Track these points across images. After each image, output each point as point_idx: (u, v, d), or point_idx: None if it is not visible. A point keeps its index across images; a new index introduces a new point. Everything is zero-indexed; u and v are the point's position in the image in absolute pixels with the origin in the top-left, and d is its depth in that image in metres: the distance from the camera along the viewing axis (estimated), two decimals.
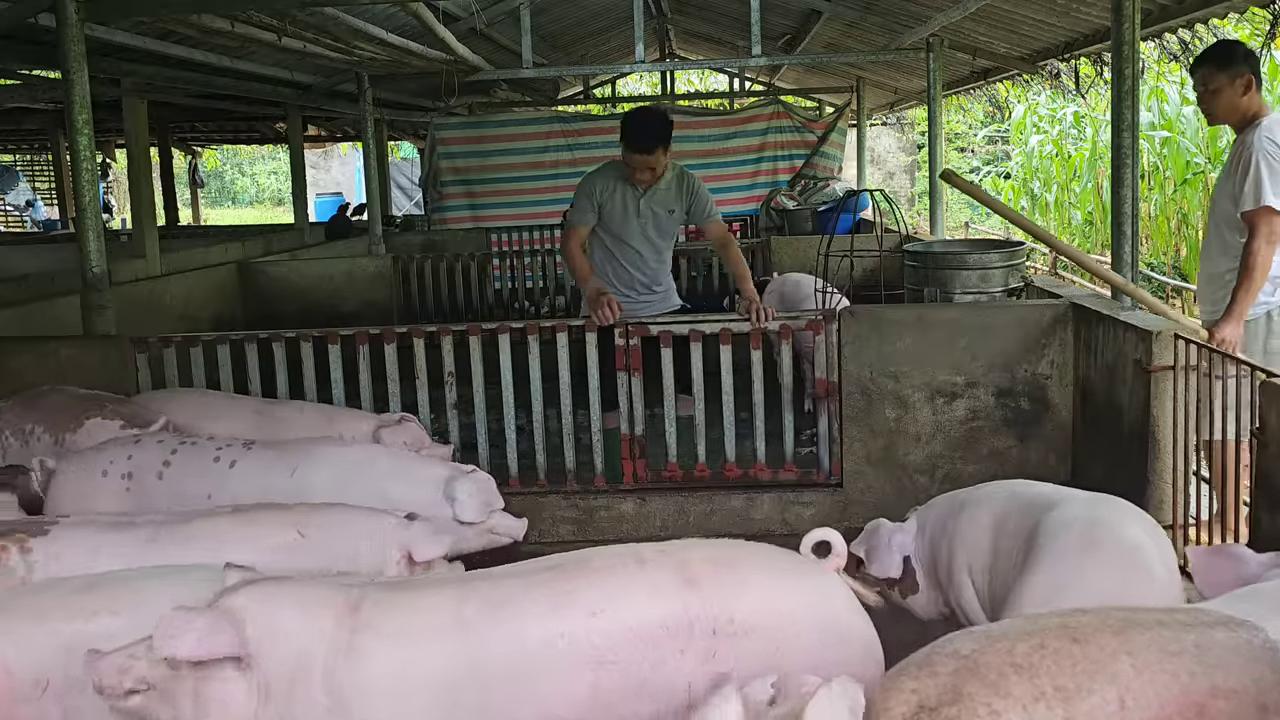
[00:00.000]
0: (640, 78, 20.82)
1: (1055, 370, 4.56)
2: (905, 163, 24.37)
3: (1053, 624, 1.99)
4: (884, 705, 1.91)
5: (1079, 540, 2.64)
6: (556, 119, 11.58)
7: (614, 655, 2.23)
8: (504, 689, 2.22)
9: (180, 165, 19.50)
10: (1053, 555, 2.61)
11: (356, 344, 4.89)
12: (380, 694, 2.19)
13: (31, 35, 6.03)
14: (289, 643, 2.20)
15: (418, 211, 16.51)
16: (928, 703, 1.86)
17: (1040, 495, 2.95)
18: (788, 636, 2.31)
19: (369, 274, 8.35)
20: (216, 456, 3.52)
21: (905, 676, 1.95)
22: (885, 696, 1.93)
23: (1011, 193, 19.04)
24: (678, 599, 2.29)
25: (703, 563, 2.37)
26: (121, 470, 3.44)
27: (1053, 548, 2.64)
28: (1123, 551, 2.61)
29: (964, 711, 1.83)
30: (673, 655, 2.25)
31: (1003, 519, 2.91)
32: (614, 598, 2.29)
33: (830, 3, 8.85)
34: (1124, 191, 4.36)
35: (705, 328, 4.77)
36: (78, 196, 5.04)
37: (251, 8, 5.98)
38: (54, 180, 16.95)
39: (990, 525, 2.93)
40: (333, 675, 2.18)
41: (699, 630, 2.27)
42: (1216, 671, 1.91)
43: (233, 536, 2.89)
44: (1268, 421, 3.06)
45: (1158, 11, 5.90)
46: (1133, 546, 2.64)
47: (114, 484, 3.43)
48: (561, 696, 2.22)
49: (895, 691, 1.92)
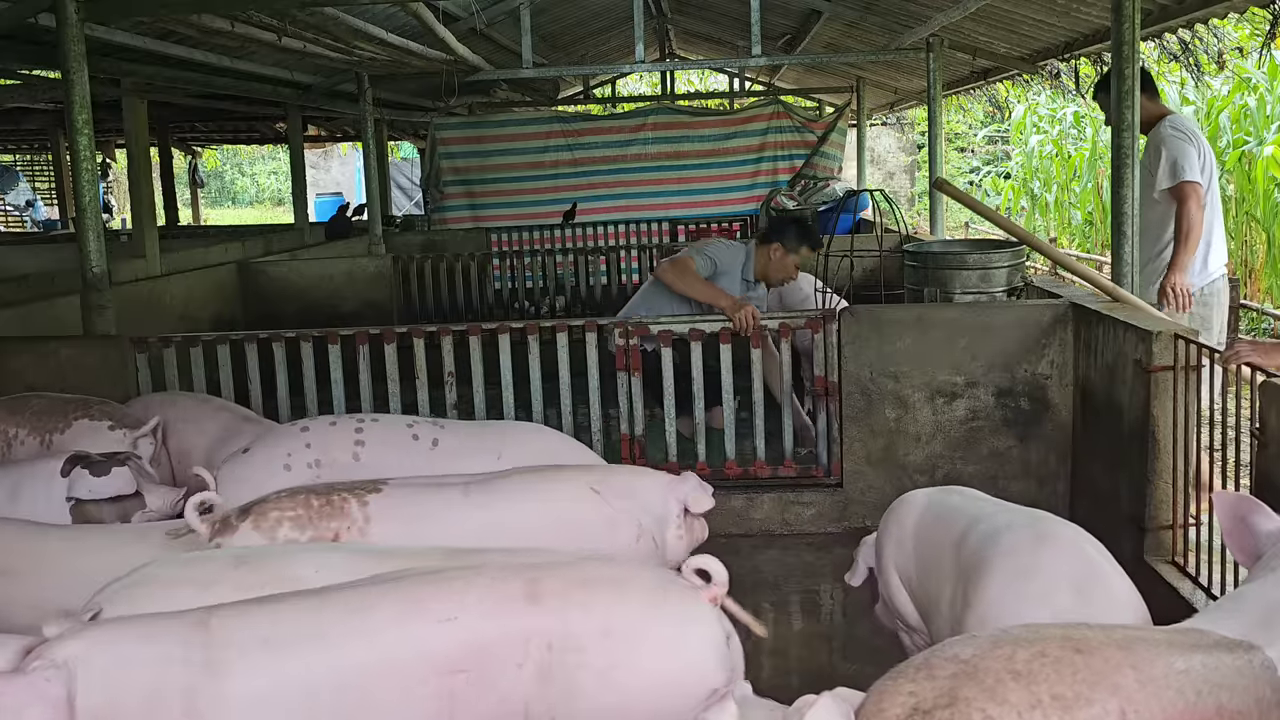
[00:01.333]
0: (640, 78, 20.85)
1: (1055, 370, 4.56)
2: (905, 163, 24.36)
3: (1056, 634, 1.97)
4: (878, 706, 1.90)
5: (1030, 536, 2.64)
6: (556, 119, 11.58)
7: (462, 664, 2.24)
8: (359, 696, 2.22)
9: (180, 165, 19.49)
10: (1006, 553, 2.60)
11: (356, 344, 4.89)
12: (245, 705, 2.17)
13: (31, 35, 6.03)
14: (135, 676, 2.16)
15: (418, 211, 16.51)
16: (923, 705, 1.85)
17: (965, 505, 2.94)
18: (624, 658, 2.29)
19: (369, 274, 8.35)
20: (416, 435, 3.60)
21: (903, 679, 1.93)
22: (880, 698, 1.92)
23: (1011, 193, 19.05)
24: (518, 612, 2.29)
25: (553, 579, 2.35)
26: (306, 460, 3.49)
27: (1005, 545, 2.63)
28: (1074, 544, 2.63)
29: (958, 715, 1.82)
30: (511, 668, 2.25)
31: (927, 522, 2.95)
32: (462, 607, 2.29)
33: (830, 3, 8.85)
34: (1124, 191, 4.36)
35: (705, 327, 4.77)
36: (78, 196, 5.04)
37: (251, 8, 5.97)
38: (54, 180, 16.96)
39: (912, 527, 2.97)
40: (193, 695, 2.16)
41: (534, 645, 2.26)
42: (1222, 691, 1.90)
43: (537, 492, 3.07)
44: (1268, 421, 3.05)
45: (1158, 11, 5.90)
46: (1079, 538, 2.66)
47: (302, 475, 3.45)
48: (413, 704, 2.23)
49: (891, 693, 1.91)
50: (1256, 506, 2.41)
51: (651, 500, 3.09)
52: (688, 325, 4.80)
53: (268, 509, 2.97)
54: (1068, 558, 2.55)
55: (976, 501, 2.97)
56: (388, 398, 4.88)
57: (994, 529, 2.71)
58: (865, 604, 4.10)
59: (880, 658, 3.66)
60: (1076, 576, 2.47)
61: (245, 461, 3.54)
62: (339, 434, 3.60)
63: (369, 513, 2.99)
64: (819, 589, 4.24)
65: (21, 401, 4.13)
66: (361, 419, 3.72)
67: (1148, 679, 1.87)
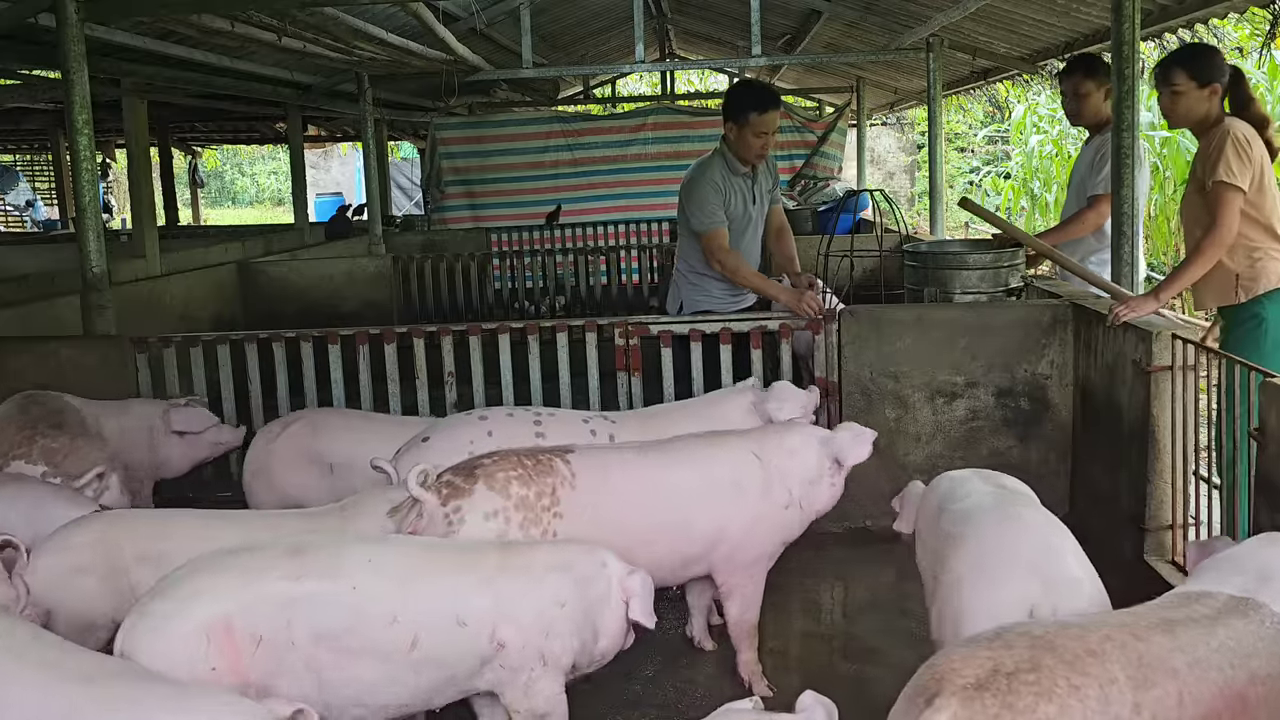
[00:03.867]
0: (640, 78, 20.84)
1: (1055, 370, 4.56)
2: (905, 163, 24.36)
3: (1113, 620, 2.13)
4: (953, 669, 1.96)
5: (996, 518, 2.75)
6: (556, 119, 11.58)
7: None
8: None
9: (180, 165, 19.49)
10: (972, 533, 2.70)
11: (356, 344, 4.89)
12: None
13: (31, 35, 6.03)
14: None
15: (418, 211, 16.51)
16: (1004, 668, 1.94)
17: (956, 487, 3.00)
18: None
19: (369, 274, 8.35)
20: (593, 430, 3.73)
21: (978, 647, 2.02)
22: (954, 664, 1.97)
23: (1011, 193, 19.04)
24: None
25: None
26: (489, 447, 3.49)
27: (972, 524, 2.74)
28: (1036, 526, 2.73)
29: (1043, 679, 1.93)
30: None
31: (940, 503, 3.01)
32: None
33: (830, 3, 8.85)
34: (1124, 191, 4.35)
35: (705, 327, 4.77)
36: (78, 196, 5.04)
37: (251, 8, 5.98)
38: (54, 180, 16.96)
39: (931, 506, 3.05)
40: None
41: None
42: (1251, 660, 2.07)
43: (704, 453, 3.31)
44: (1267, 421, 3.05)
45: (1158, 11, 5.90)
46: (1045, 521, 2.76)
47: None
48: None
49: (968, 659, 1.98)
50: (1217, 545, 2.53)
51: (808, 462, 3.33)
52: (688, 326, 4.80)
53: (493, 470, 3.07)
54: (1031, 541, 2.62)
55: (967, 483, 3.01)
56: (388, 398, 4.88)
57: (966, 509, 2.82)
58: (865, 604, 4.11)
59: (880, 658, 3.68)
60: (1041, 567, 2.52)
61: (428, 449, 3.55)
62: (519, 426, 3.68)
63: (573, 469, 3.15)
64: (819, 588, 4.24)
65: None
66: (538, 412, 3.81)
67: (1195, 661, 2.04)
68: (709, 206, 4.83)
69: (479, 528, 2.98)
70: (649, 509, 3.20)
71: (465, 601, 2.60)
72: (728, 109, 4.86)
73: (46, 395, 4.17)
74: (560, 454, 3.20)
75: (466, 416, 3.80)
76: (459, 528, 2.97)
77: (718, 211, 4.84)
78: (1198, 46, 4.68)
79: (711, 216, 4.83)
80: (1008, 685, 1.91)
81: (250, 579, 2.52)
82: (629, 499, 3.18)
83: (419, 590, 2.58)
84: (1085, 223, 5.11)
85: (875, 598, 4.12)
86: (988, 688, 1.91)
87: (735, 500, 3.26)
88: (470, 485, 3.02)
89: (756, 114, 4.77)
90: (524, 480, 3.07)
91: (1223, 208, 3.95)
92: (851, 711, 3.21)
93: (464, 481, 3.03)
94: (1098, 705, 1.93)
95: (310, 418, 4.12)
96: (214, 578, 2.52)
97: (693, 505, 3.23)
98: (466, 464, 3.13)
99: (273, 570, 2.54)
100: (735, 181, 4.91)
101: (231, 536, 2.93)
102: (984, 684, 1.91)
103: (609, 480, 3.18)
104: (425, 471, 3.01)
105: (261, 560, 2.58)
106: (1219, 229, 3.95)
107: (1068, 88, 5.26)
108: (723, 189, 4.86)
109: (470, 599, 2.60)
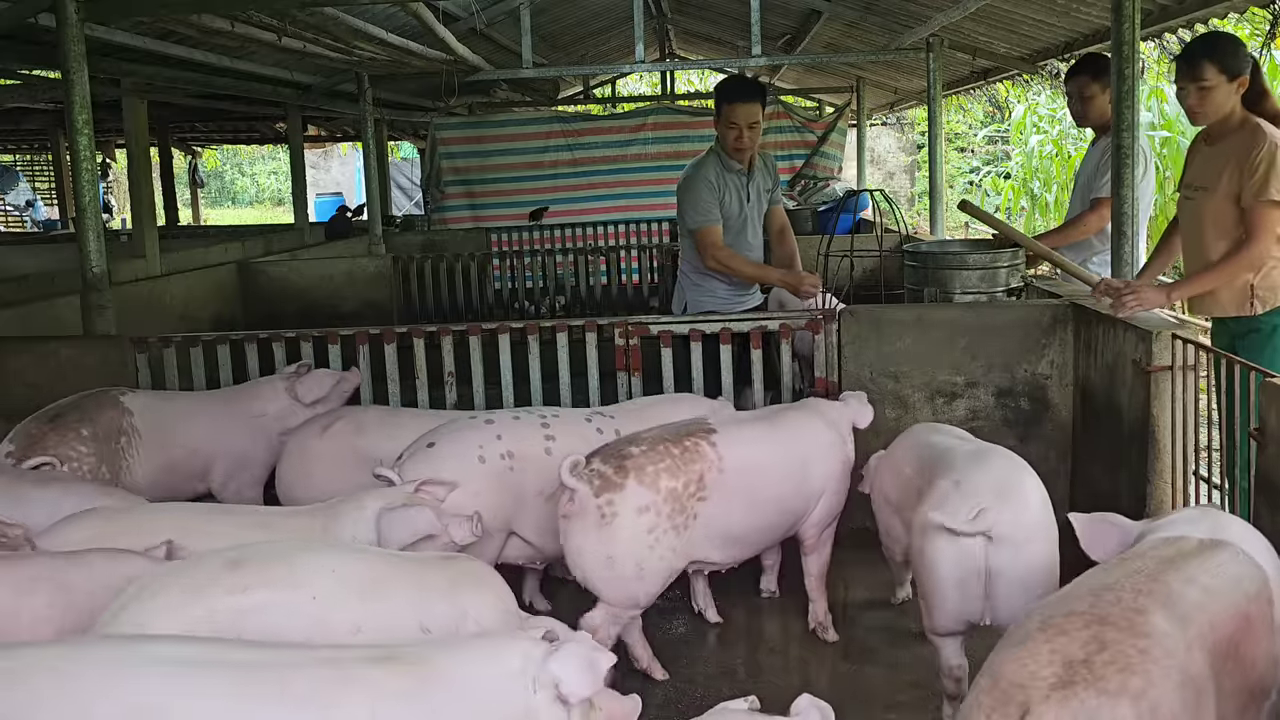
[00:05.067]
0: (640, 78, 20.82)
1: (1055, 370, 4.55)
2: (905, 163, 24.36)
3: (1129, 571, 2.17)
4: (1024, 668, 1.91)
5: (969, 452, 3.25)
6: (556, 119, 11.57)
7: None
8: None
9: (180, 165, 19.49)
10: (949, 464, 3.16)
11: (356, 344, 4.89)
12: None
13: (31, 35, 6.03)
14: None
15: (418, 211, 16.50)
16: (1075, 657, 1.90)
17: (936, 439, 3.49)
18: None
19: (369, 274, 8.35)
20: (599, 429, 3.80)
21: (1036, 642, 1.95)
22: (1021, 662, 1.92)
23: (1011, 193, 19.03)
24: None
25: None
26: (499, 450, 3.56)
27: (949, 458, 3.21)
28: (1004, 459, 3.22)
29: (1117, 656, 1.90)
30: None
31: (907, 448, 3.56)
32: None
33: (830, 3, 8.85)
34: (1124, 191, 4.35)
35: (705, 327, 4.77)
36: (78, 196, 5.04)
37: (251, 8, 5.98)
38: (54, 180, 16.95)
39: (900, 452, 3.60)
40: None
41: None
42: (1242, 583, 2.21)
43: (808, 420, 3.71)
44: (1267, 421, 3.05)
45: (1158, 11, 5.90)
46: (1012, 460, 3.23)
47: (496, 465, 3.53)
48: None
49: (1031, 655, 1.93)
50: (1112, 521, 2.71)
51: (844, 428, 3.76)
52: (688, 326, 4.80)
53: (643, 463, 3.20)
54: (996, 470, 3.11)
55: (947, 435, 3.52)
56: (387, 397, 4.88)
57: (946, 447, 3.32)
58: (865, 604, 4.11)
59: (879, 657, 3.68)
60: (1001, 485, 3.02)
61: (435, 455, 3.50)
62: (529, 430, 3.67)
63: (720, 451, 3.34)
64: None
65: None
66: (543, 413, 3.81)
67: (1205, 589, 2.14)
68: (702, 204, 4.85)
69: (631, 522, 3.17)
70: (784, 477, 3.52)
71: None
72: (718, 97, 4.93)
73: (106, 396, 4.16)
74: (705, 435, 3.37)
75: (471, 421, 3.75)
76: (611, 520, 3.15)
77: (712, 209, 4.85)
78: (1223, 36, 4.26)
79: (705, 214, 4.85)
80: (1089, 672, 1.87)
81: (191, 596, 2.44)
82: (769, 471, 3.46)
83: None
84: (1086, 225, 5.09)
85: (875, 598, 4.12)
86: (1075, 681, 1.86)
87: (831, 458, 3.67)
88: (622, 480, 3.17)
89: (727, 104, 4.80)
90: (673, 472, 3.23)
91: (1265, 226, 3.79)
92: (851, 711, 3.22)
93: (615, 475, 3.18)
94: (1164, 659, 1.92)
95: (352, 416, 4.07)
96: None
97: (810, 465, 3.60)
98: (614, 453, 3.24)
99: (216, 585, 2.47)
100: (730, 179, 4.92)
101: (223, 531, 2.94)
102: (1069, 679, 1.87)
103: (754, 457, 3.43)
104: (576, 461, 3.14)
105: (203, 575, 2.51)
106: (1256, 246, 3.80)
107: (1073, 89, 5.26)
108: (717, 186, 4.87)
109: None
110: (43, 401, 4.15)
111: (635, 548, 3.21)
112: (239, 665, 2.05)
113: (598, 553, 3.21)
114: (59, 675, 1.95)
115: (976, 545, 2.90)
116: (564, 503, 3.20)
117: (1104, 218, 4.85)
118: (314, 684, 2.03)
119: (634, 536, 3.20)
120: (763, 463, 3.49)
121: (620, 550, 3.20)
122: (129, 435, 4.07)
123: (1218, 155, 3.98)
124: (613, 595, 3.26)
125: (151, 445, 4.11)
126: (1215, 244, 4.00)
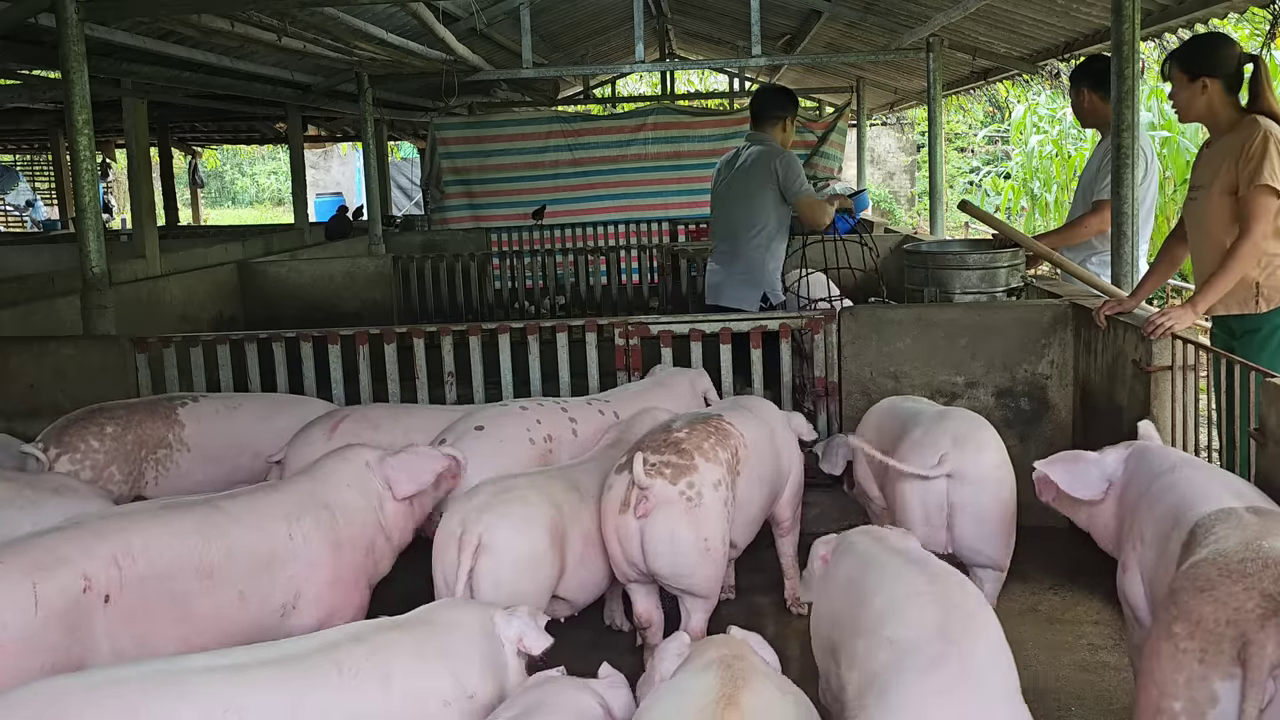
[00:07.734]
0: (640, 78, 20.85)
1: (1055, 370, 4.56)
2: (905, 163, 24.36)
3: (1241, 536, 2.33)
4: (1225, 610, 2.09)
5: (936, 411, 3.69)
6: (556, 119, 11.57)
7: None
8: None
9: (180, 165, 19.50)
10: (917, 422, 3.58)
11: (356, 344, 4.89)
12: None
13: (31, 35, 6.03)
14: None
15: (418, 211, 16.50)
16: (1269, 590, 2.10)
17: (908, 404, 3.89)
18: None
19: (369, 274, 8.35)
20: (602, 410, 4.10)
21: (1223, 587, 2.14)
22: (1220, 603, 2.10)
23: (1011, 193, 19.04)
24: None
25: None
26: (542, 434, 3.86)
27: (919, 417, 3.63)
28: (966, 416, 3.62)
29: None
30: None
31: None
32: None
33: (830, 3, 8.85)
34: (1124, 191, 4.35)
35: (705, 327, 4.77)
36: (78, 196, 5.04)
37: (251, 8, 5.98)
38: (54, 180, 16.97)
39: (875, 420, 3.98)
40: None
41: None
42: None
43: (772, 413, 3.91)
44: (1267, 421, 3.06)
45: (1158, 11, 5.90)
46: (975, 418, 3.61)
47: (540, 447, 3.83)
48: None
49: (1229, 596, 2.11)
50: (1080, 458, 3.01)
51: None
52: (688, 326, 4.80)
53: (698, 441, 3.27)
54: (956, 423, 3.51)
55: (917, 401, 3.93)
56: (387, 397, 4.88)
57: (915, 409, 3.73)
58: None
59: None
60: (958, 435, 3.42)
61: (484, 438, 3.72)
62: (556, 416, 3.98)
63: (739, 429, 3.49)
64: None
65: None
66: (558, 401, 4.14)
67: None
68: (803, 181, 5.58)
69: (713, 498, 3.19)
70: (776, 456, 3.72)
71: None
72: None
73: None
74: (718, 418, 3.49)
75: (506, 407, 4.00)
76: (699, 502, 3.16)
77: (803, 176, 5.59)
78: (1197, 38, 4.40)
79: (802, 183, 5.56)
80: None
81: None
82: (768, 450, 3.66)
83: None
84: (1087, 227, 5.09)
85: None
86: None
87: (794, 448, 3.91)
88: (689, 461, 3.19)
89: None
90: (722, 444, 3.34)
91: (1260, 213, 3.76)
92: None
93: (680, 459, 3.19)
94: None
95: (361, 413, 4.05)
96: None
97: (781, 452, 3.78)
98: (663, 443, 3.26)
99: None
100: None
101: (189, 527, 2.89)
102: (1274, 609, 2.06)
103: (759, 438, 3.60)
104: (645, 459, 3.15)
105: None
106: (1254, 233, 3.77)
107: (1074, 95, 5.31)
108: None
109: None
110: (42, 401, 4.15)
111: (721, 524, 3.22)
112: (288, 658, 2.30)
113: (693, 538, 3.15)
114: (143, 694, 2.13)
115: (940, 483, 3.36)
116: (640, 505, 3.11)
117: (1104, 220, 4.83)
118: (359, 659, 2.32)
119: (719, 513, 3.21)
120: (764, 445, 3.64)
121: (712, 529, 3.18)
122: (171, 448, 3.99)
123: (1216, 154, 3.99)
124: (707, 583, 3.24)
125: (199, 459, 4.04)
126: (1220, 239, 3.97)
